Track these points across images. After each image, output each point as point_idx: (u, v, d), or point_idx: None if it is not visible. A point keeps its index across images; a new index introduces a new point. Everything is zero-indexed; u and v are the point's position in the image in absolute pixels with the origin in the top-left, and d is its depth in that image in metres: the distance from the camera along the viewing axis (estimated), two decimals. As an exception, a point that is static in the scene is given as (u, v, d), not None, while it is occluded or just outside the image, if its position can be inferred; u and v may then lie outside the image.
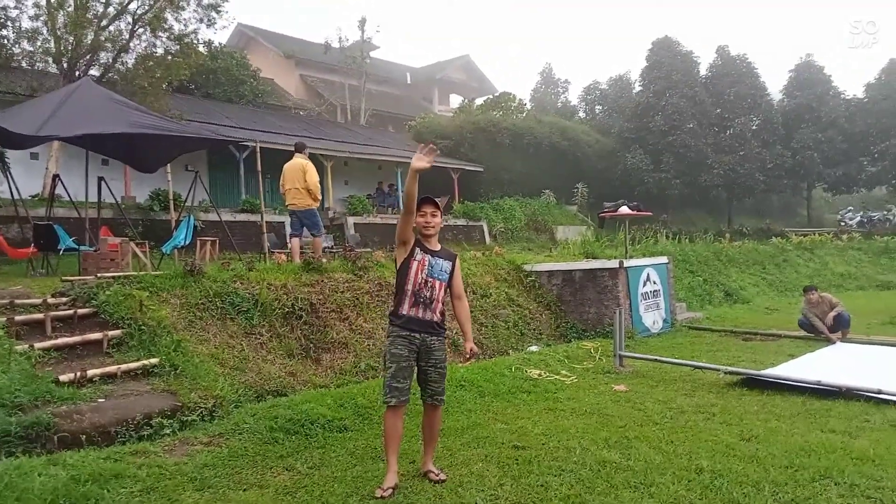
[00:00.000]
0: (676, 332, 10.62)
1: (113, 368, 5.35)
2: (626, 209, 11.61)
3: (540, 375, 6.99)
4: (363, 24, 29.31)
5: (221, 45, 24.92)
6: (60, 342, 5.60)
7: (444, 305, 4.06)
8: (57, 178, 10.83)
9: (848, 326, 9.29)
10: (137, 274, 7.18)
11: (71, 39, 14.42)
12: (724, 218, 31.38)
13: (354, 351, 7.31)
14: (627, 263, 10.33)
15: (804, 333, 9.54)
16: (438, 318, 3.98)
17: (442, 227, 4.18)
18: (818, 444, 4.54)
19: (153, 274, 7.19)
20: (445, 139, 24.32)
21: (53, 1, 14.16)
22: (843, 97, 31.61)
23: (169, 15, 15.66)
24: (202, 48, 18.74)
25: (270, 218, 15.65)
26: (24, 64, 15.29)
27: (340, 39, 29.63)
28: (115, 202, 11.87)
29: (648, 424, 5.18)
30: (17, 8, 14.50)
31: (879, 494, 3.67)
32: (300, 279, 7.78)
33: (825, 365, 7.26)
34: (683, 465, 4.19)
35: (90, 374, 5.16)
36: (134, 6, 15.31)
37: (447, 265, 4.01)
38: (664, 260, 11.55)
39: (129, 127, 8.56)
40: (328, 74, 31.18)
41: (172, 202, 13.29)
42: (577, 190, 26.57)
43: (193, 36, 16.57)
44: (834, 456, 4.27)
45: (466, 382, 6.35)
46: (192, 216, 10.88)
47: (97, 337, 5.78)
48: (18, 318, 5.76)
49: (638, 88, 32.03)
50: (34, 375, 4.83)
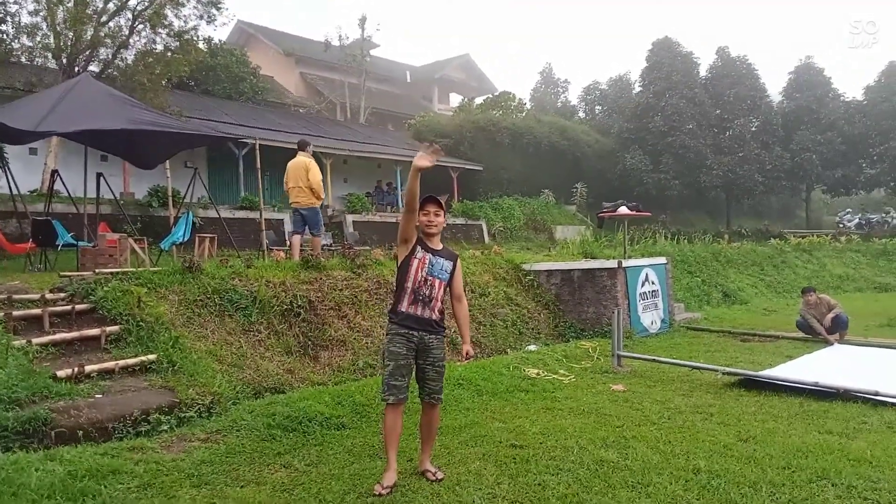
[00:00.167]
0: (674, 332, 10.62)
1: (111, 364, 5.35)
2: (625, 209, 11.62)
3: (538, 374, 6.99)
4: (363, 22, 29.39)
5: (221, 42, 24.90)
6: (58, 338, 5.61)
7: (443, 304, 4.05)
8: (56, 173, 10.80)
9: (846, 328, 9.31)
10: (136, 270, 7.16)
11: (70, 35, 14.40)
12: (722, 219, 31.44)
13: (353, 349, 7.31)
14: (626, 263, 10.34)
15: (802, 335, 9.55)
16: (437, 316, 3.97)
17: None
18: (815, 445, 4.54)
19: (151, 270, 7.18)
20: (445, 138, 24.34)
21: (53, -4, 14.15)
22: (842, 99, 31.67)
23: (169, 11, 15.66)
24: (202, 45, 18.75)
25: (269, 215, 15.66)
26: (23, 59, 15.26)
27: (340, 37, 29.67)
28: (113, 198, 11.85)
29: (646, 424, 5.18)
30: (16, 3, 14.53)
31: (876, 496, 3.67)
32: (299, 277, 7.77)
33: (823, 366, 7.26)
34: (681, 465, 4.20)
35: (88, 369, 5.16)
36: (134, 2, 15.36)
37: (448, 265, 4.01)
38: (663, 260, 11.55)
39: (128, 123, 8.54)
40: (328, 72, 31.18)
41: (171, 199, 13.28)
42: (576, 190, 26.61)
43: (193, 32, 16.59)
44: (831, 457, 4.28)
45: (464, 381, 6.35)
46: (190, 213, 10.87)
47: (95, 333, 5.78)
48: (16, 313, 5.76)
49: (638, 89, 32.07)
50: (31, 371, 4.83)
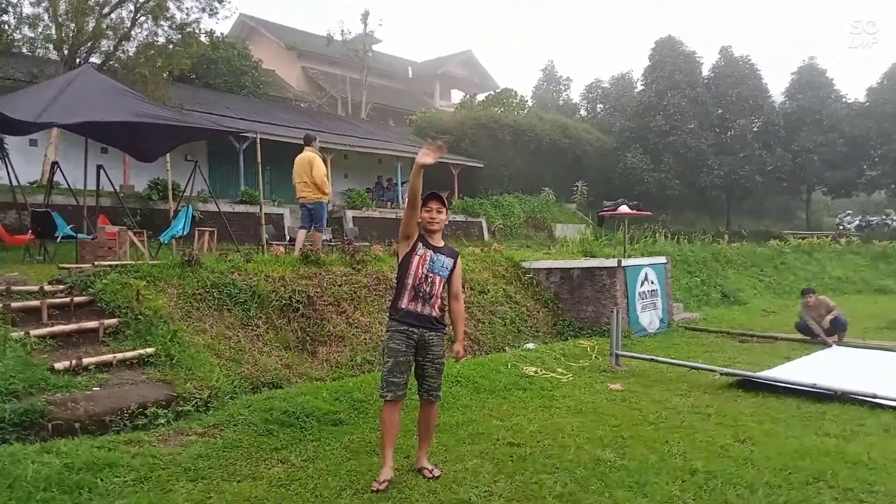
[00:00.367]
0: (673, 332, 10.62)
1: (108, 357, 5.34)
2: (625, 208, 11.60)
3: (536, 373, 6.99)
4: (366, 17, 29.27)
5: (223, 35, 24.77)
6: (56, 330, 5.59)
7: (443, 301, 4.05)
8: (56, 165, 10.79)
9: (844, 330, 9.31)
10: (135, 263, 7.16)
11: (72, 26, 14.37)
12: (722, 219, 31.42)
13: (351, 345, 7.30)
14: (626, 263, 10.33)
15: (800, 336, 9.56)
16: (437, 313, 3.97)
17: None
18: (812, 447, 4.55)
19: (150, 263, 7.18)
20: (446, 134, 24.28)
21: (55, -13, 14.11)
22: (844, 101, 31.63)
23: (171, 3, 15.63)
24: (204, 38, 18.67)
25: (269, 210, 15.65)
26: (24, 50, 15.24)
27: (343, 32, 29.54)
28: (113, 190, 11.83)
29: (643, 424, 5.19)
30: (18, -7, 14.46)
31: (873, 499, 3.68)
32: (298, 272, 7.76)
33: (821, 368, 7.26)
34: (678, 465, 4.20)
35: (85, 362, 5.15)
36: (136, -6, 15.28)
37: (449, 262, 4.00)
38: (662, 260, 11.54)
39: (129, 115, 8.53)
40: (330, 67, 31.12)
41: (171, 192, 13.27)
42: (576, 188, 26.59)
43: (195, 25, 16.59)
44: (828, 459, 4.28)
45: (462, 378, 6.35)
46: (190, 206, 10.84)
47: (93, 325, 5.77)
48: (14, 304, 5.75)
49: (640, 87, 32.03)
50: (29, 363, 4.82)
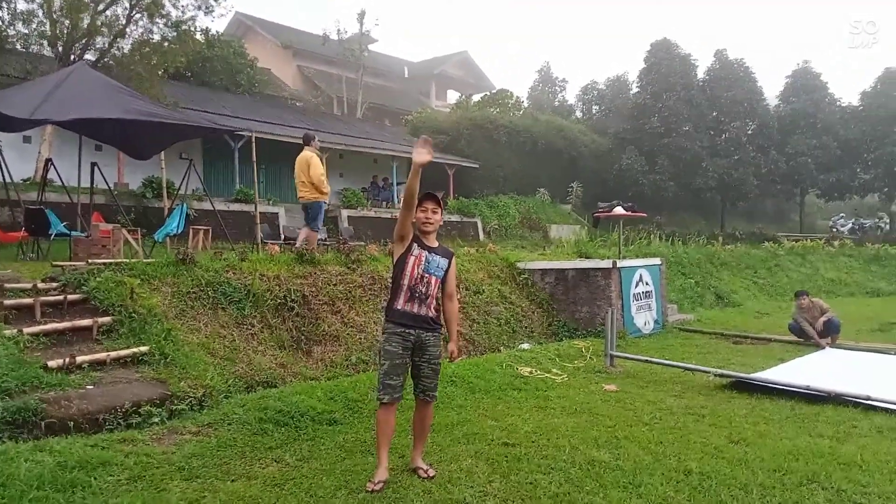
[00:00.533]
0: (667, 333, 10.65)
1: (102, 355, 5.32)
2: (620, 210, 11.64)
3: (531, 373, 7.00)
4: (362, 16, 29.27)
5: (219, 33, 24.72)
6: (49, 328, 5.57)
7: (438, 302, 4.05)
8: (49, 162, 10.72)
9: (838, 332, 9.36)
10: (129, 261, 7.13)
11: (67, 23, 14.28)
12: (717, 221, 31.52)
13: (346, 344, 7.29)
14: (620, 264, 10.35)
15: (794, 338, 9.60)
16: (433, 313, 3.97)
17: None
18: (806, 448, 4.56)
19: (145, 261, 7.14)
20: (442, 134, 24.29)
21: (50, -17, 14.03)
22: (838, 104, 31.76)
23: (166, 1, 15.55)
24: (199, 36, 18.61)
25: (264, 209, 15.61)
26: (18, 46, 15.12)
27: (339, 31, 29.53)
28: (107, 188, 11.77)
29: (638, 425, 5.20)
30: (12, -11, 14.37)
31: (866, 500, 3.70)
32: (293, 271, 7.74)
33: (814, 370, 7.29)
34: (672, 466, 4.21)
35: (79, 360, 5.13)
36: (131, -9, 15.20)
37: (443, 262, 4.00)
38: (657, 261, 11.57)
39: (123, 113, 8.48)
40: (326, 66, 31.07)
41: (166, 190, 13.20)
42: (571, 189, 26.62)
43: (191, 23, 16.48)
44: (822, 460, 4.30)
45: (457, 378, 6.35)
46: (185, 204, 10.80)
47: (87, 323, 5.74)
48: (7, 302, 5.71)
49: (635, 89, 32.07)
50: (22, 361, 4.79)
